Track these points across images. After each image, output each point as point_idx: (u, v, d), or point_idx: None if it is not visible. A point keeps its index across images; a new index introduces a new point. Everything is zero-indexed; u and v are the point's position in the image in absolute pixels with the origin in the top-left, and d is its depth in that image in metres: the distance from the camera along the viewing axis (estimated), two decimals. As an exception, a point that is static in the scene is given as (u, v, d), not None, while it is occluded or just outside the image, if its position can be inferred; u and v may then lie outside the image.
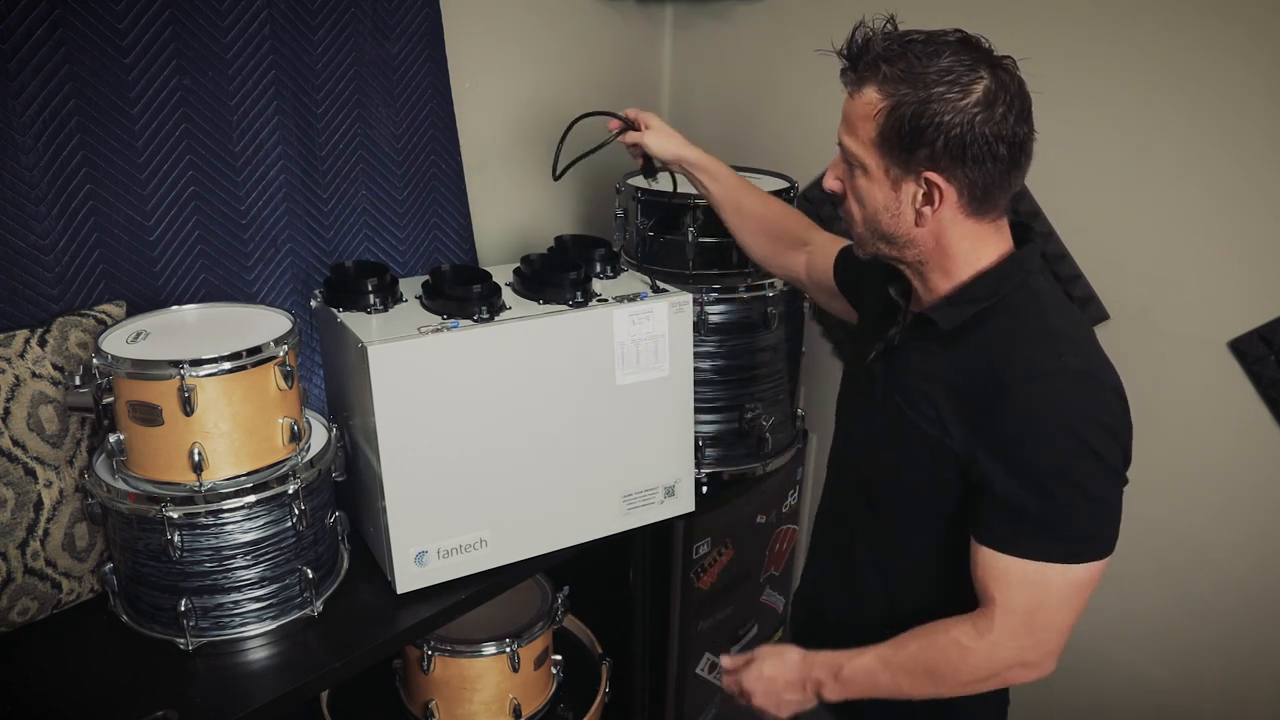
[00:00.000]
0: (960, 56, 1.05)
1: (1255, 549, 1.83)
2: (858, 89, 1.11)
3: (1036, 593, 1.10)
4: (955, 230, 1.13)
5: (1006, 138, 1.06)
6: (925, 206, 1.11)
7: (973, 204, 1.11)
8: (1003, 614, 1.11)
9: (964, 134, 1.04)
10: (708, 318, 1.82)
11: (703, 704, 2.18)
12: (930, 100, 1.04)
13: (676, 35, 2.44)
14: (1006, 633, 1.12)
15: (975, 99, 1.04)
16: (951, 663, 1.16)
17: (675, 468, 1.69)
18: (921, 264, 1.18)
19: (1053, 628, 1.12)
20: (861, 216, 1.18)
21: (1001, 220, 1.16)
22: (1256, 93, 1.63)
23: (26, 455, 1.35)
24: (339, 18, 1.72)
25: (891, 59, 1.07)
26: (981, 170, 1.07)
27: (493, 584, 1.55)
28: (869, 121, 1.09)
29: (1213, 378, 1.78)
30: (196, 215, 1.62)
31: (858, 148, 1.12)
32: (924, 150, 1.07)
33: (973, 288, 1.15)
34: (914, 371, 1.19)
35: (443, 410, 1.43)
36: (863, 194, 1.15)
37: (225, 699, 1.27)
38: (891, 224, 1.15)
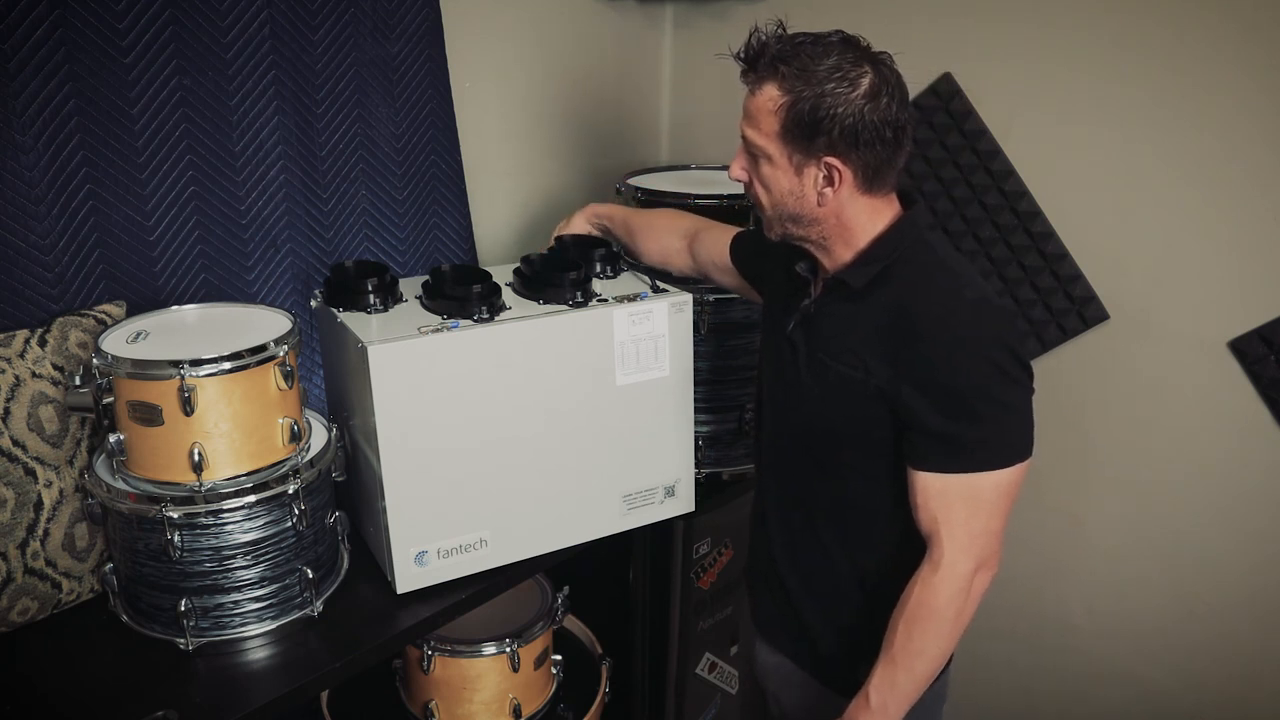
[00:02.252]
0: (845, 54, 1.19)
1: (1255, 549, 1.83)
2: (758, 87, 1.23)
3: (972, 502, 1.22)
4: (853, 206, 1.25)
5: (891, 123, 1.19)
6: (826, 188, 1.23)
7: (867, 182, 1.23)
8: (947, 531, 1.22)
9: (855, 122, 1.18)
10: (707, 318, 1.82)
11: (703, 704, 2.18)
12: (824, 95, 1.17)
13: (676, 35, 2.44)
14: (956, 549, 1.22)
15: (862, 91, 1.17)
16: (930, 606, 1.23)
17: (675, 468, 1.69)
18: (825, 239, 1.29)
19: (990, 531, 1.23)
20: (769, 201, 1.29)
21: (891, 194, 1.29)
22: (1256, 93, 1.63)
23: (26, 455, 1.35)
24: (339, 18, 1.72)
25: (786, 59, 1.19)
26: (872, 152, 1.20)
27: (493, 584, 1.55)
28: (771, 116, 1.21)
29: (1213, 378, 1.78)
30: (196, 215, 1.62)
31: (761, 139, 1.24)
32: (822, 138, 1.19)
33: (873, 250, 1.27)
34: (833, 330, 1.31)
35: (443, 410, 1.43)
36: (768, 181, 1.27)
37: (225, 699, 1.27)
38: (797, 205, 1.26)
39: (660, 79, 2.48)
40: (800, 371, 1.35)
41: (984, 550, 1.24)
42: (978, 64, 1.89)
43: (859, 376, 1.26)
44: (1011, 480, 1.22)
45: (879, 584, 1.33)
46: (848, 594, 1.38)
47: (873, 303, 1.27)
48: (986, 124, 1.93)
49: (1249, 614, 1.86)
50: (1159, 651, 1.98)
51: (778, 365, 1.42)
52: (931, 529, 1.24)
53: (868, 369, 1.25)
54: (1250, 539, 1.83)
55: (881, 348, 1.25)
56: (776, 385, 1.44)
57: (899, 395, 1.23)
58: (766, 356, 1.49)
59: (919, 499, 1.24)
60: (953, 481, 1.22)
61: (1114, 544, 1.99)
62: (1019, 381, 1.21)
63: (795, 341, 1.36)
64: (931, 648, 1.25)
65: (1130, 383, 1.90)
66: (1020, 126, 1.91)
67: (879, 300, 1.26)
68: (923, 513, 1.25)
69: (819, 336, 1.33)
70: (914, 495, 1.25)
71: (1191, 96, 1.70)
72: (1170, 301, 1.81)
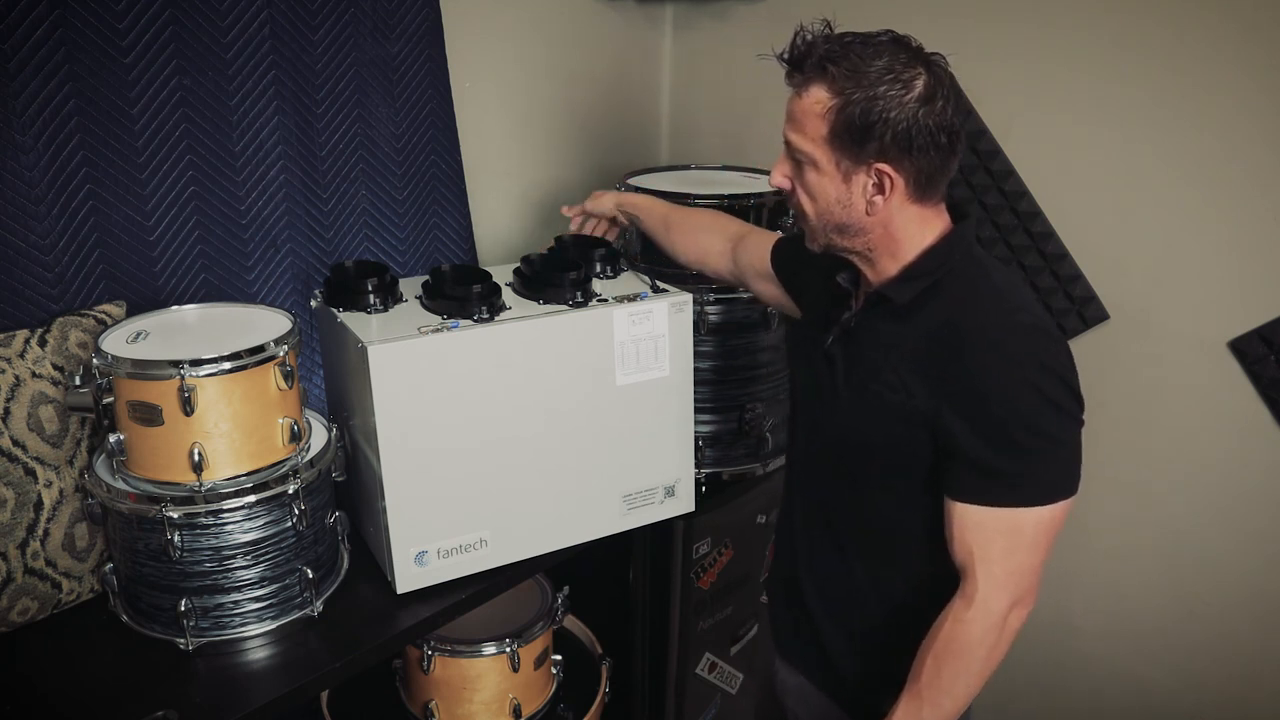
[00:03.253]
0: (897, 55, 1.13)
1: (1255, 549, 1.83)
2: (804, 89, 1.17)
3: (1011, 538, 1.16)
4: (902, 215, 1.20)
5: (946, 127, 1.14)
6: (876, 196, 1.17)
7: (918, 190, 1.18)
8: (983, 568, 1.16)
9: (909, 127, 1.12)
10: (708, 318, 1.82)
11: (703, 704, 2.17)
12: (877, 97, 1.11)
13: (676, 35, 2.44)
14: (992, 586, 1.16)
15: (917, 94, 1.12)
16: (961, 643, 1.18)
17: (675, 468, 1.69)
18: (870, 250, 1.23)
19: (1028, 568, 1.18)
20: (814, 210, 1.23)
21: (941, 204, 1.23)
22: (1256, 93, 1.63)
23: (26, 455, 1.35)
24: (339, 18, 1.72)
25: (835, 59, 1.13)
26: (926, 158, 1.14)
27: (493, 584, 1.55)
28: (818, 119, 1.15)
29: (1213, 378, 1.78)
30: (196, 215, 1.62)
31: (807, 144, 1.18)
32: (873, 144, 1.13)
33: (921, 264, 1.21)
34: (875, 347, 1.25)
35: (443, 410, 1.43)
36: (813, 188, 1.21)
37: (225, 699, 1.27)
38: (844, 214, 1.20)
39: (660, 79, 2.48)
40: (837, 388, 1.29)
41: (1021, 587, 1.18)
42: (978, 64, 1.89)
43: (899, 397, 1.20)
44: (1054, 517, 1.16)
45: (906, 611, 1.28)
46: (872, 618, 1.33)
47: (917, 320, 1.21)
48: (986, 124, 1.93)
49: (1249, 614, 1.86)
50: (1159, 651, 1.98)
51: (813, 380, 1.36)
52: (966, 562, 1.18)
53: (909, 389, 1.19)
54: (1250, 539, 1.83)
55: (924, 367, 1.19)
56: (811, 400, 1.38)
57: (939, 418, 1.16)
58: (800, 369, 1.43)
59: (955, 530, 1.18)
60: (991, 515, 1.15)
61: (1114, 544, 1.99)
62: (1069, 413, 1.15)
63: (833, 356, 1.30)
64: (960, 686, 1.20)
65: (1130, 383, 1.90)
66: (1020, 126, 1.91)
67: (924, 318, 1.20)
68: (958, 545, 1.19)
69: (859, 352, 1.27)
70: (950, 525, 1.19)
71: (1191, 96, 1.70)
72: (1170, 301, 1.81)
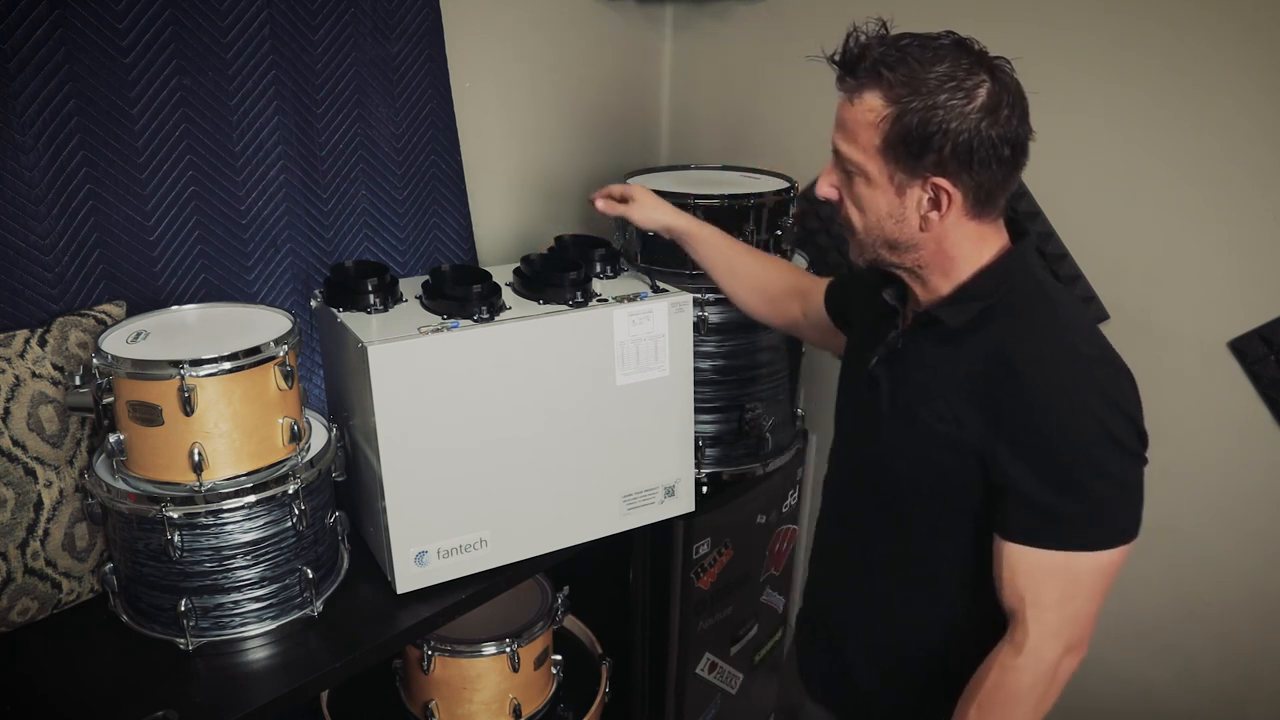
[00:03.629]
0: (959, 60, 1.05)
1: (1255, 549, 1.83)
2: (857, 95, 1.09)
3: (1067, 584, 1.09)
4: (958, 232, 1.13)
5: (1010, 139, 1.06)
6: (932, 211, 1.10)
7: (977, 206, 1.11)
8: (1035, 614, 1.10)
9: (971, 139, 1.04)
10: (708, 318, 1.82)
11: (703, 704, 2.18)
12: (936, 106, 1.04)
13: (676, 35, 2.44)
14: (1044, 634, 1.10)
15: (980, 103, 1.04)
16: (1009, 692, 1.12)
17: (675, 468, 1.69)
18: (921, 267, 1.17)
19: (1084, 616, 1.11)
20: (863, 224, 1.16)
21: (1000, 219, 1.16)
22: (1256, 93, 1.63)
23: (26, 455, 1.35)
24: (339, 18, 1.72)
25: (891, 64, 1.05)
26: (987, 173, 1.07)
27: (493, 584, 1.55)
28: (872, 129, 1.08)
29: (1213, 378, 1.78)
30: (196, 215, 1.62)
31: (859, 155, 1.11)
32: (931, 156, 1.06)
33: (976, 285, 1.14)
34: (923, 371, 1.18)
35: (443, 410, 1.43)
36: (864, 201, 1.14)
37: (225, 699, 1.27)
38: (896, 230, 1.13)
39: (660, 79, 2.48)
40: (881, 413, 1.22)
41: (1075, 636, 1.11)
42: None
43: (950, 430, 1.13)
44: (1113, 562, 1.09)
45: (945, 651, 1.23)
46: (908, 657, 1.27)
47: (971, 345, 1.13)
48: (986, 124, 1.93)
49: (1249, 614, 1.85)
50: (1159, 651, 1.98)
51: (855, 402, 1.30)
52: (1016, 607, 1.11)
53: (960, 421, 1.12)
54: (1250, 539, 1.83)
55: (978, 398, 1.11)
56: (853, 424, 1.32)
57: (994, 454, 1.09)
58: (843, 391, 1.36)
59: (1005, 572, 1.11)
60: (1047, 558, 1.08)
61: (1114, 544, 1.99)
62: (1134, 452, 1.09)
63: (878, 378, 1.23)
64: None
65: (1130, 383, 1.90)
66: (1020, 126, 1.91)
67: (978, 343, 1.13)
68: (1007, 588, 1.12)
69: (906, 377, 1.20)
70: (999, 566, 1.12)
71: (1191, 96, 1.70)
72: (1170, 301, 1.81)
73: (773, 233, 1.87)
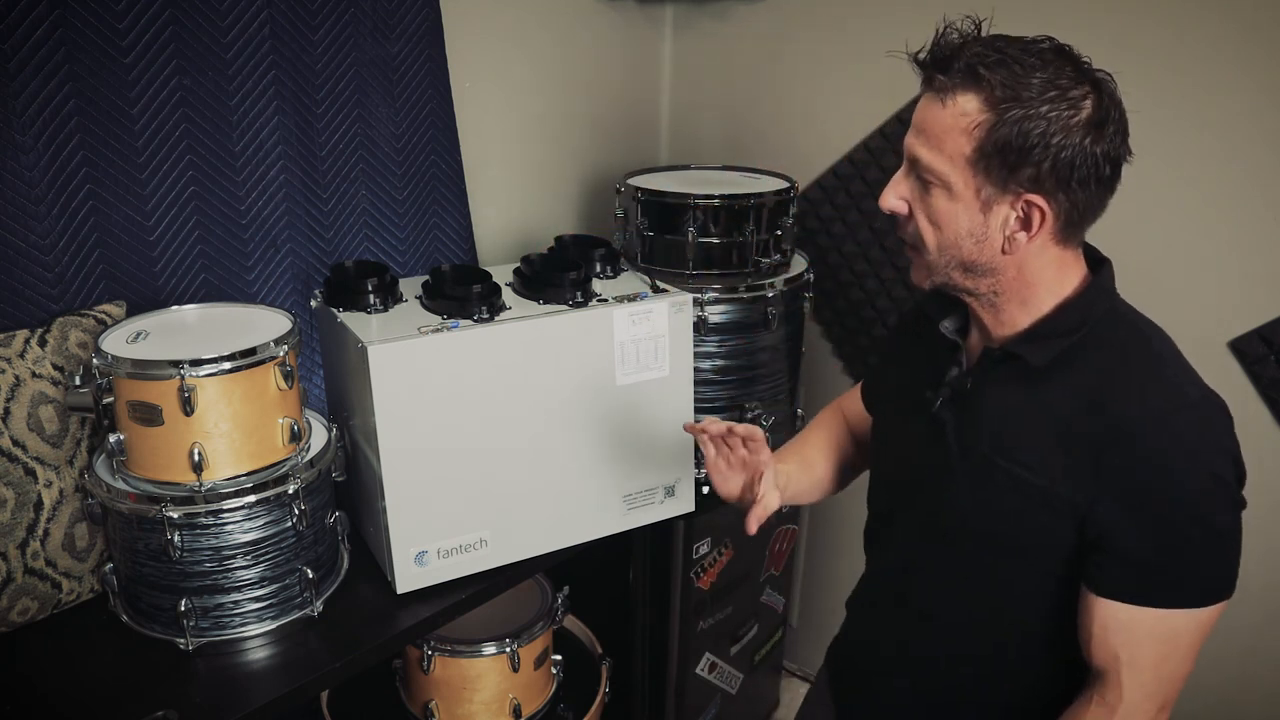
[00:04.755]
0: (1062, 68, 0.98)
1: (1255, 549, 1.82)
2: (949, 96, 0.99)
3: (1166, 644, 1.03)
4: (1042, 258, 1.04)
5: (1113, 158, 0.99)
6: (1020, 232, 1.01)
7: (1067, 229, 1.03)
8: (1131, 674, 1.03)
9: (1074, 155, 0.96)
10: (708, 318, 1.82)
11: (703, 704, 2.18)
12: (1039, 116, 0.95)
13: (676, 35, 2.44)
14: (1139, 695, 1.04)
15: (1085, 116, 0.97)
16: None
17: (675, 468, 1.69)
18: (997, 295, 1.07)
19: (1180, 676, 1.05)
20: (936, 241, 1.05)
21: (1080, 246, 1.09)
22: (1256, 92, 1.63)
23: (26, 455, 1.35)
24: (339, 18, 1.72)
25: (991, 65, 0.96)
26: (1085, 193, 0.99)
27: (493, 584, 1.55)
28: (963, 135, 0.98)
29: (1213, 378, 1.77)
30: (196, 215, 1.62)
31: (943, 164, 1.00)
32: (1028, 170, 0.97)
33: (1059, 319, 1.05)
34: (1001, 415, 1.08)
35: (443, 410, 1.43)
36: (941, 216, 1.03)
37: (225, 699, 1.27)
38: (975, 251, 1.03)
39: (660, 79, 2.48)
40: (951, 460, 1.11)
41: (1169, 696, 1.05)
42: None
43: (1040, 483, 1.03)
44: (1212, 619, 1.02)
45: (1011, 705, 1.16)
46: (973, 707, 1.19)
47: (1057, 387, 1.04)
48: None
49: (1248, 614, 1.85)
50: (1159, 651, 1.98)
51: (910, 447, 1.18)
52: (1109, 666, 1.04)
53: (1051, 474, 1.02)
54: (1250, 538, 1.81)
55: (1073, 449, 1.01)
56: (910, 471, 1.19)
57: (1094, 511, 1.00)
58: (892, 434, 1.25)
59: (1095, 628, 1.03)
60: (1145, 616, 1.01)
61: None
62: (1238, 502, 1.03)
63: (943, 421, 1.12)
64: None
65: (1130, 383, 1.90)
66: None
67: (1065, 385, 1.03)
68: (1098, 645, 1.04)
69: (981, 421, 1.09)
70: (1090, 623, 1.04)
71: (1191, 96, 1.70)
72: (1170, 301, 1.80)
73: (773, 233, 1.87)
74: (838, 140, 2.14)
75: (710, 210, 1.81)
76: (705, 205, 1.81)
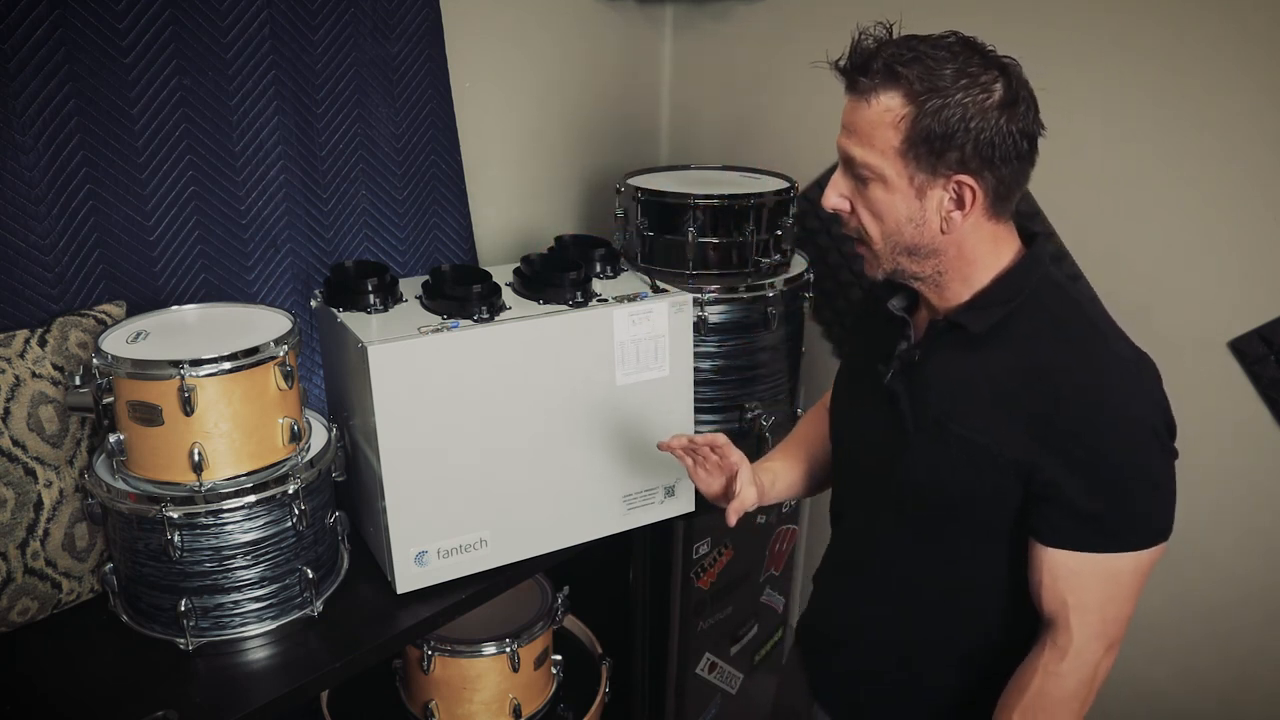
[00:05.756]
0: (970, 58, 1.05)
1: (1255, 549, 1.83)
2: (873, 96, 1.06)
3: (1109, 586, 1.10)
4: (977, 234, 1.11)
5: (1028, 134, 1.07)
6: (955, 211, 1.08)
7: (996, 204, 1.10)
8: (1079, 617, 1.10)
9: (993, 134, 1.04)
10: (708, 318, 1.82)
11: (703, 704, 2.18)
12: (956, 104, 1.03)
13: (676, 35, 2.44)
14: (1088, 636, 1.11)
15: (998, 99, 1.04)
16: (1055, 698, 1.13)
17: (675, 468, 1.68)
18: (941, 274, 1.14)
19: (1124, 616, 1.12)
20: (880, 231, 1.12)
21: (1011, 221, 1.15)
22: (1256, 92, 1.63)
23: (26, 455, 1.35)
24: (339, 18, 1.72)
25: (906, 63, 1.04)
26: (1008, 168, 1.07)
27: (493, 584, 1.55)
28: (890, 129, 1.05)
29: (1213, 378, 1.78)
30: (196, 215, 1.62)
31: (875, 158, 1.08)
32: (954, 154, 1.04)
33: (997, 289, 1.13)
34: (947, 383, 1.15)
35: (443, 410, 1.43)
36: (881, 207, 1.11)
37: (225, 699, 1.27)
38: (916, 234, 1.11)
39: (660, 79, 2.48)
40: (905, 429, 1.17)
41: (1114, 636, 1.12)
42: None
43: (988, 444, 1.10)
44: (1152, 560, 1.10)
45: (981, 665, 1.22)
46: (941, 674, 1.26)
47: (997, 353, 1.11)
48: (986, 124, 1.93)
49: (1248, 614, 1.85)
50: (1159, 651, 1.98)
51: (866, 420, 1.26)
52: (1058, 612, 1.11)
53: (997, 436, 1.10)
54: (1250, 538, 1.83)
55: (1013, 408, 1.09)
56: (865, 443, 1.27)
57: (1039, 468, 1.08)
58: (849, 409, 1.33)
59: (1045, 577, 1.11)
60: (1089, 562, 1.09)
61: (1114, 544, 1.99)
62: (1170, 451, 1.11)
63: (895, 393, 1.18)
64: None
65: (1130, 383, 1.90)
66: (1020, 126, 1.90)
67: (1005, 351, 1.11)
68: (1048, 593, 1.11)
69: (930, 390, 1.16)
70: (1038, 572, 1.12)
71: (1191, 96, 1.70)
72: (1170, 301, 1.81)
73: (773, 233, 1.87)
74: (838, 140, 2.14)
75: (710, 210, 1.81)
76: (705, 205, 1.81)
